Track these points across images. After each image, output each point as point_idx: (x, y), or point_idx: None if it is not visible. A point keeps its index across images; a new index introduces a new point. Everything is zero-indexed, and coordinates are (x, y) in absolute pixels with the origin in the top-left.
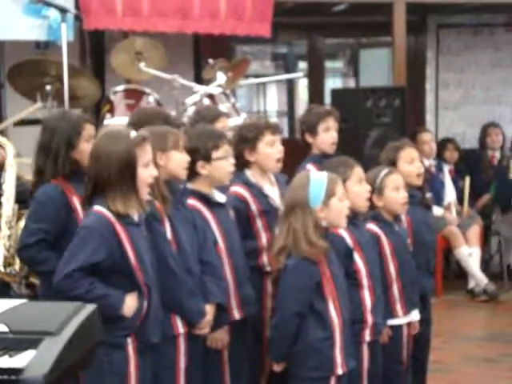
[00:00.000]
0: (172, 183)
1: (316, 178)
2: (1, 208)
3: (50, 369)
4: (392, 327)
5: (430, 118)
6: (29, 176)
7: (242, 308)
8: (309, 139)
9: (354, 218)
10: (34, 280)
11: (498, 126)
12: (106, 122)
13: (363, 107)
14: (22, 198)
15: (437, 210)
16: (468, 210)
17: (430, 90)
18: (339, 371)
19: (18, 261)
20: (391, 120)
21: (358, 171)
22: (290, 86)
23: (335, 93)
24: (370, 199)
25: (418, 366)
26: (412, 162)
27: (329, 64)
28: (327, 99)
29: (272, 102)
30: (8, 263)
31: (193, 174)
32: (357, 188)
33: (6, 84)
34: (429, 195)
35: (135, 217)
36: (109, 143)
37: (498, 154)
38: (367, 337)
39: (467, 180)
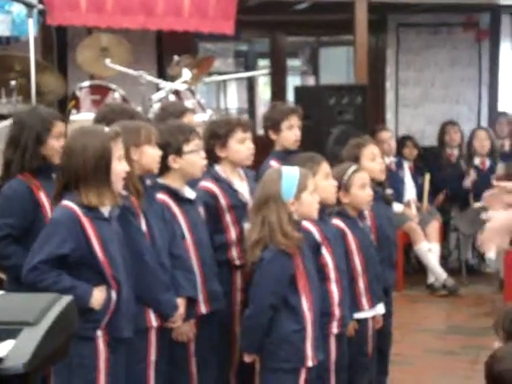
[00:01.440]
0: (142, 176)
1: (288, 173)
2: None
3: (29, 357)
4: (358, 320)
5: (390, 115)
6: None
7: (208, 302)
8: (272, 136)
9: (321, 213)
10: (1, 275)
11: (457, 124)
12: (71, 117)
13: (325, 104)
14: None
15: (397, 207)
16: (427, 206)
17: (390, 87)
18: (309, 363)
19: None
20: (353, 117)
21: (324, 167)
22: (250, 83)
23: (298, 90)
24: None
25: (381, 357)
26: (374, 159)
27: (290, 62)
28: (289, 97)
29: (232, 100)
30: None
31: (164, 168)
32: (324, 183)
33: None
34: (389, 192)
35: (105, 212)
36: (84, 138)
37: (456, 152)
38: (334, 329)
39: (427, 177)
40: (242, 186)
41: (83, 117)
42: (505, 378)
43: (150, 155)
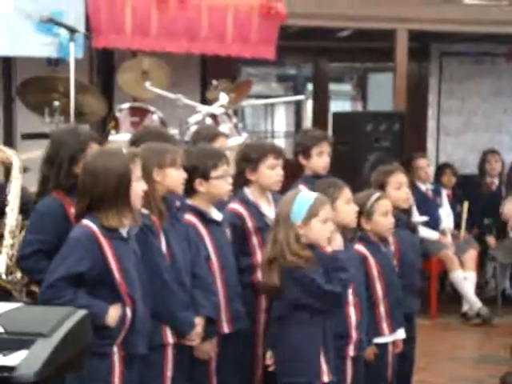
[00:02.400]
0: (168, 199)
1: (302, 196)
2: (5, 218)
3: (40, 367)
4: (378, 345)
5: (431, 143)
6: (33, 188)
7: (231, 322)
8: (302, 161)
9: (342, 237)
10: (35, 288)
11: (498, 152)
12: (110, 137)
13: (363, 131)
14: (26, 208)
15: (432, 234)
16: (465, 234)
17: (431, 116)
18: (325, 379)
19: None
20: (390, 144)
21: (346, 192)
22: (298, 107)
23: (337, 116)
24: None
25: (401, 382)
26: (400, 187)
27: (336, 87)
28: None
29: (280, 123)
30: (10, 271)
31: (192, 190)
32: (345, 208)
33: (16, 98)
34: (423, 219)
35: (123, 232)
36: (105, 160)
37: (496, 181)
38: (351, 352)
39: (465, 205)
40: (270, 210)
41: (121, 137)
42: None
43: (174, 177)
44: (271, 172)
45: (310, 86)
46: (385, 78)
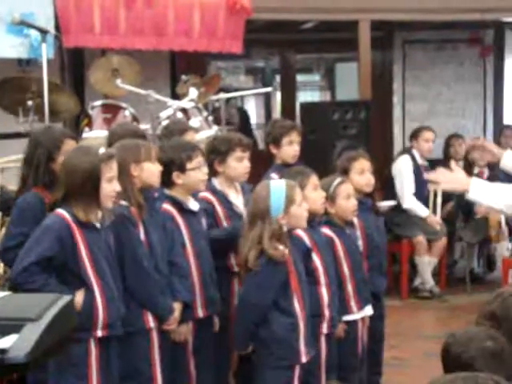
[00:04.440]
0: (146, 191)
1: (276, 188)
2: None
3: (31, 349)
4: (347, 322)
5: (397, 129)
6: (12, 186)
7: (206, 307)
8: (273, 150)
9: (311, 221)
10: None
11: (461, 136)
12: (84, 135)
13: (330, 119)
14: (5, 206)
15: (422, 211)
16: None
17: (397, 102)
18: (303, 359)
19: (1, 264)
20: (357, 132)
21: (313, 179)
22: (267, 99)
23: (304, 106)
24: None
25: (373, 359)
26: (363, 173)
27: (305, 77)
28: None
29: (251, 115)
30: None
31: (170, 183)
32: (313, 194)
33: None
34: (390, 203)
35: (96, 223)
36: (77, 156)
37: (461, 164)
38: (324, 329)
39: (432, 188)
40: (237, 199)
41: (94, 134)
42: (461, 358)
43: (150, 171)
44: (239, 164)
45: (278, 78)
46: (352, 67)
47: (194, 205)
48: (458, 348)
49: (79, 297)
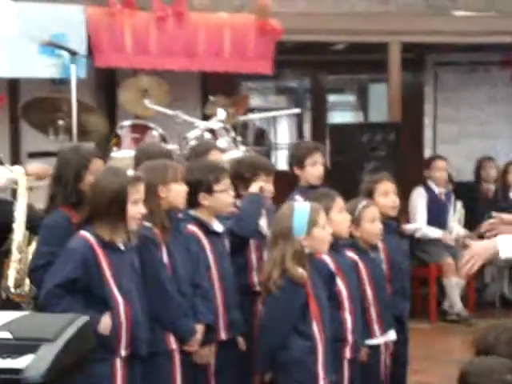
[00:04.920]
0: (171, 212)
1: (299, 209)
2: (13, 234)
3: (46, 370)
4: (370, 347)
5: (428, 151)
6: (39, 204)
7: (229, 329)
8: (297, 172)
9: (336, 245)
10: None
11: (493, 159)
12: (112, 154)
13: (359, 141)
14: (33, 224)
15: (435, 232)
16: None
17: (428, 124)
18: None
19: (27, 282)
20: (386, 153)
21: (339, 202)
22: (300, 120)
23: (333, 127)
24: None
25: (396, 382)
26: (387, 195)
27: (338, 98)
28: None
29: (283, 135)
30: (18, 285)
31: (195, 203)
32: (338, 217)
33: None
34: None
35: (121, 244)
36: (106, 177)
37: (492, 187)
38: (348, 354)
39: (458, 206)
40: (262, 221)
41: (122, 154)
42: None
43: (176, 191)
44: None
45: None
46: (385, 88)
47: (218, 226)
48: (477, 379)
49: (107, 320)
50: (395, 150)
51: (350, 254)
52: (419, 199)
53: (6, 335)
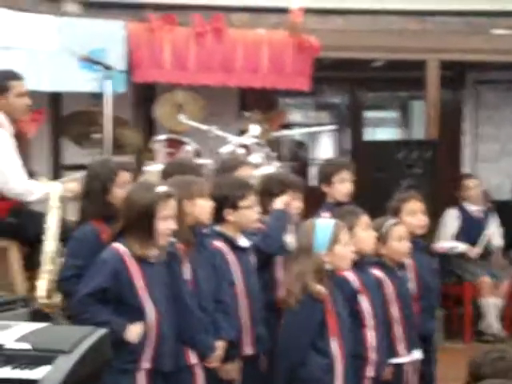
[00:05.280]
0: (196, 227)
1: (322, 226)
2: (44, 245)
3: (61, 381)
4: (395, 365)
5: (467, 170)
6: (71, 216)
7: (254, 345)
8: (324, 188)
9: (361, 262)
10: None
11: None
12: (145, 168)
13: (395, 158)
14: (65, 236)
15: (460, 246)
16: (502, 260)
17: (468, 143)
18: None
19: (58, 293)
20: (422, 171)
21: (364, 219)
22: (340, 135)
23: (369, 144)
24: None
25: None
26: (414, 214)
27: (377, 114)
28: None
29: (324, 150)
30: (49, 295)
31: (221, 219)
32: (363, 234)
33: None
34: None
35: (152, 257)
36: (136, 192)
37: None
38: (370, 373)
39: (494, 221)
40: (288, 236)
41: (156, 168)
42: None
43: (202, 207)
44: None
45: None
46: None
47: (243, 242)
48: None
49: (137, 329)
50: (432, 168)
51: (376, 271)
52: (449, 219)
53: (26, 346)
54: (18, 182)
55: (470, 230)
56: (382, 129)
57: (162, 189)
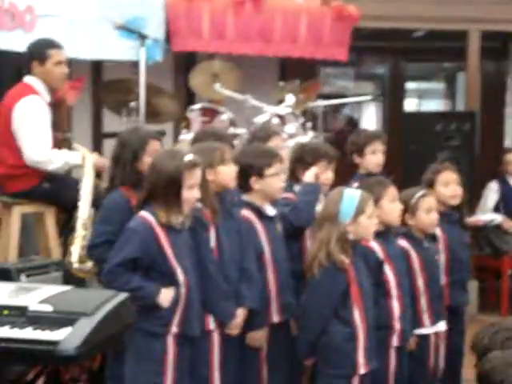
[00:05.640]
0: (223, 193)
1: (349, 196)
2: (78, 211)
3: (81, 343)
4: (419, 336)
5: (508, 142)
6: (104, 183)
7: (281, 312)
8: (356, 160)
9: (387, 233)
10: None
11: None
12: (181, 137)
13: (433, 130)
14: (98, 203)
15: (495, 217)
16: None
17: (509, 114)
18: (361, 371)
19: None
20: (460, 143)
21: (391, 191)
22: (386, 106)
23: (408, 115)
24: (402, 216)
25: (452, 375)
26: (448, 185)
27: (427, 85)
28: None
29: (370, 121)
30: (82, 261)
31: (247, 187)
32: (390, 206)
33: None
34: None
35: (178, 225)
36: (163, 161)
37: None
38: (394, 342)
39: None
40: (319, 206)
41: (189, 137)
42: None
43: (225, 173)
44: (321, 175)
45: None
46: None
47: (270, 210)
48: (499, 375)
49: (168, 293)
50: (470, 140)
51: (402, 242)
52: (489, 192)
53: (48, 308)
54: (37, 151)
55: (510, 203)
56: (427, 101)
57: (188, 157)
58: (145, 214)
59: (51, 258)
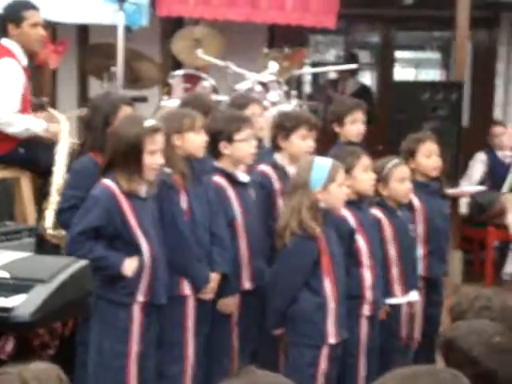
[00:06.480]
0: (194, 161)
1: (319, 164)
2: (53, 176)
3: (35, 309)
4: (391, 306)
5: (497, 112)
6: None
7: (253, 279)
8: (336, 129)
9: (360, 202)
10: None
11: None
12: (162, 103)
13: (419, 100)
14: None
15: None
16: None
17: (500, 85)
18: (331, 340)
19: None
20: (447, 113)
21: (364, 160)
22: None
23: (397, 85)
24: (376, 186)
25: (427, 343)
26: (430, 156)
27: (422, 55)
28: None
29: None
30: (56, 227)
31: (218, 153)
32: (362, 175)
33: None
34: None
35: (141, 192)
36: (124, 126)
37: None
38: (366, 311)
39: None
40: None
41: (172, 103)
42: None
43: (194, 141)
44: (302, 142)
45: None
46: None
47: (243, 176)
48: (464, 344)
49: (132, 262)
50: (457, 111)
51: (376, 211)
52: (475, 163)
53: (4, 274)
54: None
55: (496, 176)
56: (425, 70)
57: (149, 123)
58: (107, 181)
59: (27, 223)
